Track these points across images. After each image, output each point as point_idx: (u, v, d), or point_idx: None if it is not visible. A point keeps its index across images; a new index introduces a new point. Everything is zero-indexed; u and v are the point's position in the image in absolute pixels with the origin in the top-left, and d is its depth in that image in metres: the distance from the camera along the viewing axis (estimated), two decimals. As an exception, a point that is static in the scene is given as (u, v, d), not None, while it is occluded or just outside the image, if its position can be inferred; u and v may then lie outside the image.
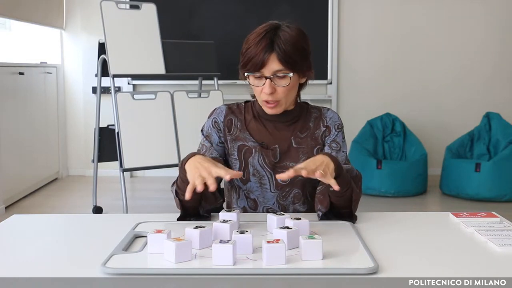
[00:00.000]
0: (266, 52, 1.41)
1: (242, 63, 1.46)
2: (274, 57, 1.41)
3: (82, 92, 5.04)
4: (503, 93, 5.01)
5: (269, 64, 1.42)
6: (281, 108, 1.49)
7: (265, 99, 1.46)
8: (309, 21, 4.77)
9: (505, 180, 4.06)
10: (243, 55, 1.46)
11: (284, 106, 1.50)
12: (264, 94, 1.45)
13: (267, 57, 1.41)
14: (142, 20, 3.59)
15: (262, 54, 1.41)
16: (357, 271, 1.02)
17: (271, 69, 1.42)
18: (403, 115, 4.78)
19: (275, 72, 1.42)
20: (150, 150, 3.42)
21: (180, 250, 1.06)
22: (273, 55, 1.41)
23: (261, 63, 1.41)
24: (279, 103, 1.47)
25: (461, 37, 4.98)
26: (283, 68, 1.42)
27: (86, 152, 4.97)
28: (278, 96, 1.45)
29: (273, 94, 1.44)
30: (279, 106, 1.48)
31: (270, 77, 1.43)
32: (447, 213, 1.44)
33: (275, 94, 1.45)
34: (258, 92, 1.48)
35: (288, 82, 1.44)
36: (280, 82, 1.44)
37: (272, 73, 1.42)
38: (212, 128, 1.57)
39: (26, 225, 1.39)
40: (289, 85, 1.45)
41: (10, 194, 3.99)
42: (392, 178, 4.20)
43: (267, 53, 1.41)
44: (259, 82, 1.46)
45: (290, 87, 1.46)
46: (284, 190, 1.54)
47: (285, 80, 1.44)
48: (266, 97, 1.45)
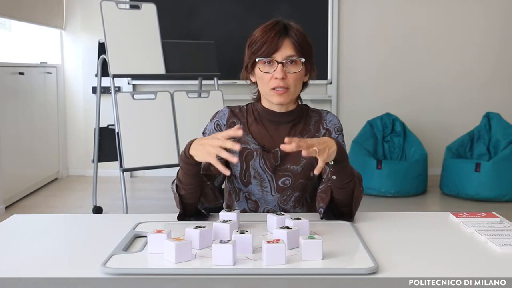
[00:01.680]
0: (280, 37, 1.44)
1: (253, 50, 1.46)
2: (288, 42, 1.44)
3: (82, 92, 5.04)
4: (503, 93, 5.01)
5: (283, 49, 1.44)
6: (288, 97, 1.48)
7: (274, 86, 1.45)
8: (309, 21, 4.77)
9: (505, 180, 4.06)
10: (252, 44, 1.47)
11: (292, 96, 1.49)
12: (274, 80, 1.44)
13: (281, 41, 1.43)
14: (142, 20, 3.59)
15: (276, 39, 1.43)
16: (357, 271, 1.02)
17: (284, 54, 1.44)
18: (403, 115, 4.79)
19: (288, 57, 1.44)
20: (150, 150, 3.42)
21: (180, 250, 1.06)
22: (287, 40, 1.44)
23: (275, 47, 1.43)
24: (288, 91, 1.46)
25: (461, 37, 4.98)
26: (296, 54, 1.44)
27: (86, 152, 4.97)
28: (288, 83, 1.45)
29: (283, 80, 1.44)
30: (288, 94, 1.47)
31: (282, 62, 1.44)
32: (447, 213, 1.44)
33: (286, 80, 1.45)
34: (267, 80, 1.46)
35: (299, 68, 1.45)
36: (291, 69, 1.45)
37: (285, 57, 1.44)
38: (214, 130, 1.57)
39: (26, 225, 1.39)
40: (300, 72, 1.46)
41: (10, 194, 3.99)
42: (392, 178, 4.20)
43: (281, 37, 1.44)
44: (269, 69, 1.46)
45: (300, 75, 1.47)
46: (285, 193, 1.54)
47: (296, 66, 1.45)
48: (277, 82, 1.44)
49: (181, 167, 1.38)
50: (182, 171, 1.38)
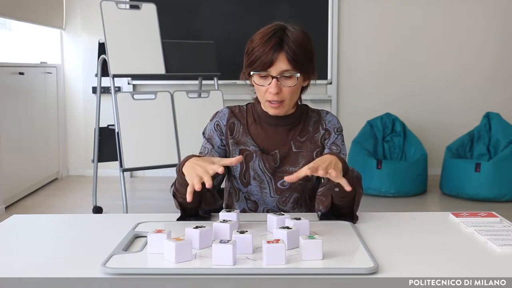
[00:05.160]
0: (275, 51, 1.40)
1: (248, 61, 1.44)
2: (283, 57, 1.40)
3: (82, 92, 5.04)
4: (503, 93, 5.01)
5: (277, 64, 1.41)
6: (284, 109, 1.48)
7: (269, 99, 1.45)
8: (309, 21, 4.77)
9: (505, 180, 4.06)
10: (249, 53, 1.45)
11: (287, 108, 1.49)
12: (269, 94, 1.44)
13: (275, 56, 1.40)
14: (142, 20, 3.59)
15: (271, 53, 1.40)
16: (357, 271, 1.02)
17: (279, 69, 1.41)
18: (403, 115, 4.79)
19: (282, 72, 1.42)
20: (150, 150, 3.42)
21: (180, 250, 1.06)
22: (281, 55, 1.40)
23: (270, 62, 1.40)
24: (283, 104, 1.46)
25: (461, 37, 4.98)
26: (291, 68, 1.41)
27: (86, 152, 4.97)
28: (283, 96, 1.44)
29: (278, 94, 1.43)
30: (283, 106, 1.47)
31: (276, 77, 1.42)
32: (447, 213, 1.43)
33: (281, 94, 1.44)
34: (262, 92, 1.46)
35: (294, 82, 1.43)
36: (286, 83, 1.43)
37: (279, 72, 1.41)
38: (214, 131, 1.56)
39: (26, 225, 1.39)
40: (295, 86, 1.44)
41: (10, 194, 3.99)
42: (392, 178, 4.20)
43: (276, 52, 1.40)
44: (264, 82, 1.44)
45: (296, 88, 1.45)
46: (284, 195, 1.54)
47: (291, 80, 1.43)
48: (271, 97, 1.44)
49: (177, 179, 1.37)
50: (178, 184, 1.36)
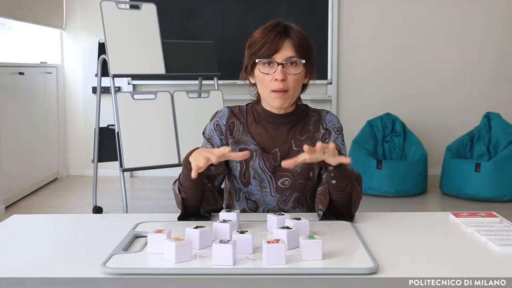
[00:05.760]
0: (280, 38, 1.43)
1: (253, 51, 1.46)
2: (289, 43, 1.43)
3: (82, 92, 5.04)
4: (503, 93, 5.01)
5: (283, 50, 1.43)
6: (287, 100, 1.47)
7: (274, 88, 1.45)
8: (309, 21, 4.77)
9: (505, 180, 4.06)
10: (252, 44, 1.46)
11: (291, 100, 1.49)
12: (274, 82, 1.44)
13: (281, 42, 1.43)
14: (142, 20, 3.59)
15: (277, 40, 1.43)
16: (357, 271, 1.02)
17: (284, 55, 1.43)
18: (403, 115, 4.78)
19: (288, 58, 1.43)
20: (150, 150, 3.42)
21: (180, 250, 1.06)
22: (287, 41, 1.43)
23: (275, 48, 1.43)
24: (287, 94, 1.46)
25: (461, 37, 4.98)
26: (296, 55, 1.44)
27: (86, 152, 4.96)
28: (288, 85, 1.45)
29: (283, 82, 1.44)
30: (287, 97, 1.46)
31: (282, 63, 1.43)
32: (447, 213, 1.43)
33: (285, 82, 1.44)
34: (267, 82, 1.46)
35: (299, 69, 1.45)
36: (291, 70, 1.44)
37: (285, 59, 1.43)
38: (214, 131, 1.57)
39: (26, 225, 1.39)
40: (300, 74, 1.45)
41: (10, 194, 3.99)
42: (392, 178, 4.20)
43: (282, 38, 1.43)
44: (269, 70, 1.45)
45: (300, 76, 1.46)
46: (285, 194, 1.53)
47: (296, 67, 1.45)
48: (276, 85, 1.44)
49: (182, 171, 1.39)
50: (183, 175, 1.38)
